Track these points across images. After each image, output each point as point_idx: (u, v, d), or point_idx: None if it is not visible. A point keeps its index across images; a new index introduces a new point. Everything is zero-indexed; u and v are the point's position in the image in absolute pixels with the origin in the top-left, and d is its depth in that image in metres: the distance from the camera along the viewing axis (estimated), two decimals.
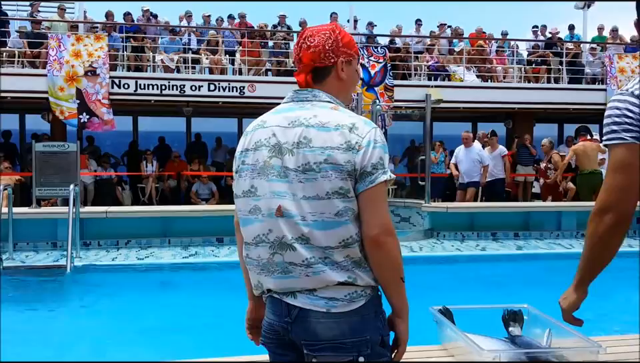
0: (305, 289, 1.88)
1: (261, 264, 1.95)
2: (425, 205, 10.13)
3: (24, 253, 8.22)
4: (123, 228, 8.94)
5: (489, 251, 8.92)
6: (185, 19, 14.99)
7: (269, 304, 1.99)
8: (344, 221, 1.85)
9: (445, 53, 15.91)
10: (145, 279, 7.25)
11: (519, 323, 2.96)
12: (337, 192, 1.84)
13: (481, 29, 16.68)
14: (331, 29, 2.01)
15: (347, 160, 1.84)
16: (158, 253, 8.37)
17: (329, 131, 1.87)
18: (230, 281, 6.93)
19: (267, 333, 2.00)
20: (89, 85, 12.65)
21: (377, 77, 14.16)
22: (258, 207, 1.95)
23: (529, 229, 10.14)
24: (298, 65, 2.04)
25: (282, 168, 1.90)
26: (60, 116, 12.57)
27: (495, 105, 14.92)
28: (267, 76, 14.26)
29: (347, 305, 1.86)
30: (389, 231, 1.89)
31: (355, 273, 1.87)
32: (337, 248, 1.85)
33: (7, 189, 7.94)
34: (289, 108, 1.99)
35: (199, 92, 13.31)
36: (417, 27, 16.24)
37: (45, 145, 9.35)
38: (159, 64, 13.69)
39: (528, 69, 15.86)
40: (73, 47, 12.68)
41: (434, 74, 15.17)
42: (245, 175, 1.99)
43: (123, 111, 14.36)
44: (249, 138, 2.02)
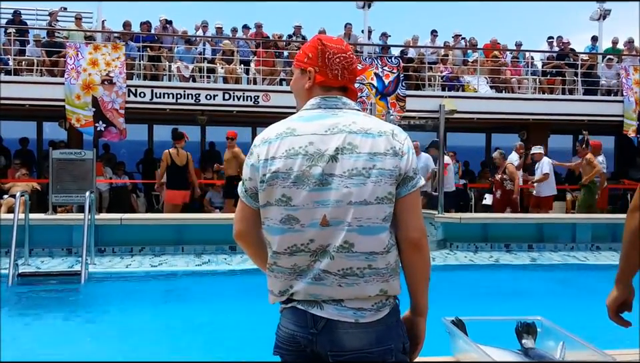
0: (333, 298, 1.88)
1: (298, 271, 1.92)
2: (438, 216, 10.11)
3: (39, 259, 8.27)
4: (138, 235, 8.99)
5: (503, 262, 8.87)
6: (200, 29, 15.13)
7: (289, 315, 1.95)
8: (387, 227, 1.89)
9: (459, 64, 15.92)
10: (159, 287, 7.30)
11: (532, 335, 2.95)
12: (386, 197, 1.88)
13: (496, 40, 16.68)
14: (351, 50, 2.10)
15: (395, 165, 1.89)
16: (172, 260, 8.41)
17: (374, 138, 1.90)
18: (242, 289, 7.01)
19: (285, 344, 1.97)
20: (105, 94, 12.78)
21: (390, 87, 14.19)
22: (294, 217, 1.90)
23: (543, 240, 10.08)
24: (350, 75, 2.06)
25: (324, 176, 1.88)
26: (76, 124, 12.70)
27: (509, 116, 14.90)
28: (281, 86, 14.34)
29: (375, 314, 1.88)
30: (425, 233, 1.97)
31: (389, 283, 1.90)
32: (381, 254, 1.88)
33: (24, 195, 8.02)
34: (320, 115, 1.97)
35: (213, 101, 13.42)
36: (432, 38, 16.27)
37: (61, 152, 9.44)
38: (175, 73, 13.82)
39: (543, 80, 15.81)
40: (90, 56, 12.82)
41: (447, 85, 15.17)
42: (274, 183, 1.93)
43: (138, 119, 14.48)
44: (275, 146, 1.95)
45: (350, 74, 2.05)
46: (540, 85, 15.72)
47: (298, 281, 1.92)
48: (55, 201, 9.18)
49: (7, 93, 12.58)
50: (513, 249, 9.76)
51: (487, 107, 14.76)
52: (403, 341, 1.94)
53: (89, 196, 8.00)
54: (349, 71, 2.05)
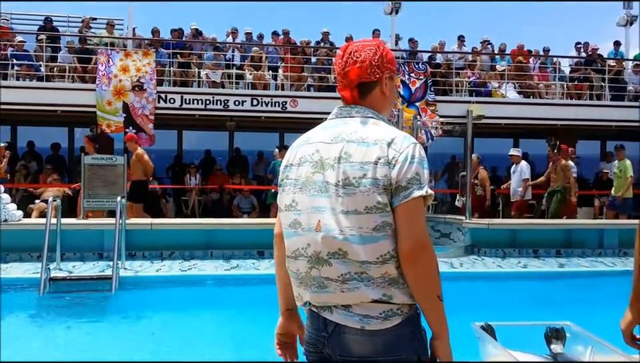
0: (341, 304, 1.89)
1: (300, 277, 1.97)
2: (466, 221, 10.07)
3: (71, 263, 8.39)
4: (167, 240, 9.11)
5: (531, 268, 8.81)
6: (230, 35, 15.31)
7: (308, 318, 2.01)
8: (382, 236, 1.85)
9: (486, 69, 15.84)
10: (188, 291, 7.38)
11: (561, 340, 2.96)
12: (374, 207, 1.84)
13: (523, 45, 16.56)
14: (376, 45, 2.03)
15: (384, 174, 1.84)
16: (201, 265, 8.48)
17: (368, 146, 1.88)
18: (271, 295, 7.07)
19: (309, 346, 2.03)
20: (136, 100, 13.00)
21: (417, 93, 14.19)
22: (298, 222, 1.97)
23: (570, 246, 9.98)
24: (342, 79, 2.04)
25: (323, 183, 1.92)
26: (107, 130, 12.92)
27: (537, 121, 14.79)
28: (308, 91, 14.41)
29: (382, 323, 1.85)
30: (423, 246, 1.85)
31: (391, 290, 1.86)
32: (375, 264, 1.84)
33: (56, 200, 8.16)
34: (333, 124, 2.02)
35: (242, 107, 13.55)
36: (459, 43, 16.22)
37: (93, 157, 9.55)
38: (204, 79, 13.98)
39: (570, 86, 15.66)
40: (121, 62, 13.06)
41: (475, 90, 15.11)
42: (287, 189, 2.04)
43: (168, 125, 14.68)
44: (294, 153, 2.06)
45: (344, 78, 2.03)
46: (568, 91, 15.57)
47: (304, 289, 1.97)
48: (86, 206, 9.32)
49: (39, 99, 12.88)
50: (541, 254, 9.68)
51: (515, 112, 14.67)
52: (418, 354, 1.89)
53: (120, 201, 8.10)
54: (342, 75, 2.03)
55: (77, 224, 9.06)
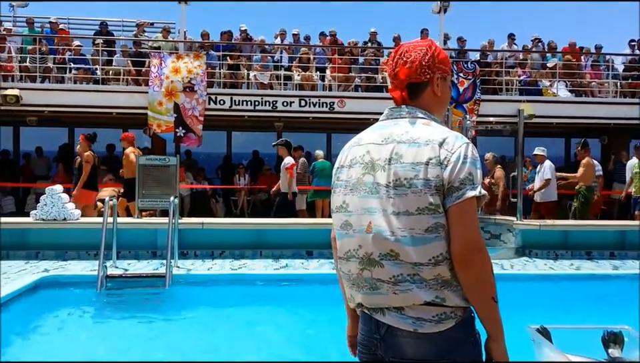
0: (393, 306, 1.88)
1: (352, 279, 1.98)
2: (517, 222, 9.92)
3: (126, 261, 8.59)
4: (218, 239, 9.25)
5: (584, 270, 8.62)
6: (278, 37, 15.47)
7: (361, 319, 2.03)
8: (434, 238, 1.83)
9: (537, 68, 15.55)
10: (239, 290, 7.47)
11: (619, 345, 2.91)
12: (426, 208, 1.82)
13: (575, 43, 16.19)
14: (428, 45, 2.03)
15: (436, 175, 1.83)
16: (250, 264, 8.58)
17: (419, 147, 1.87)
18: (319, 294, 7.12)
19: (362, 347, 2.04)
20: (186, 101, 13.26)
21: (465, 94, 14.04)
22: (349, 223, 1.98)
23: (624, 248, 9.71)
24: (393, 80, 2.04)
25: (373, 184, 1.91)
26: (157, 130, 13.22)
27: (589, 120, 14.45)
28: (356, 92, 14.43)
29: (435, 326, 1.83)
30: (476, 247, 1.83)
31: (444, 292, 1.84)
32: (427, 265, 1.83)
33: (112, 200, 8.39)
34: (384, 125, 2.02)
35: (290, 107, 13.69)
36: (509, 42, 15.97)
37: (147, 158, 9.77)
38: (253, 81, 14.16)
39: (624, 84, 15.22)
40: (173, 64, 13.35)
41: (525, 89, 14.86)
42: (339, 191, 2.05)
43: (217, 126, 14.93)
44: (345, 155, 2.08)
45: (394, 79, 2.04)
46: (621, 89, 15.14)
47: (356, 291, 1.97)
48: (140, 205, 9.56)
49: (95, 102, 13.29)
50: (594, 256, 9.46)
51: (566, 111, 14.37)
52: (473, 358, 1.87)
53: (172, 201, 8.26)
54: (392, 76, 2.05)
55: (132, 223, 9.29)
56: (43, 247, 8.86)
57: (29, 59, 13.95)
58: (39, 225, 8.99)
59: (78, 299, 7.08)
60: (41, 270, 7.86)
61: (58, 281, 7.37)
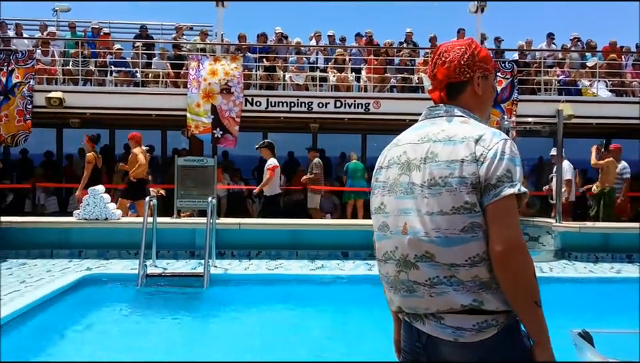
0: (430, 311, 1.83)
1: (389, 281, 1.95)
2: (556, 225, 9.78)
3: (165, 261, 8.74)
4: (255, 239, 9.36)
5: (625, 273, 8.44)
6: (313, 39, 15.53)
7: (403, 326, 2.00)
8: (470, 238, 1.77)
9: (576, 67, 15.28)
10: (276, 290, 7.53)
11: None
12: (462, 207, 1.77)
13: (615, 42, 15.86)
14: (467, 44, 1.99)
15: (472, 172, 1.77)
16: (287, 264, 8.65)
17: (455, 144, 1.82)
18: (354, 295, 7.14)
19: (405, 355, 2.01)
20: (223, 102, 13.42)
21: (503, 94, 13.88)
22: (386, 224, 1.96)
23: None
24: (432, 81, 2.01)
25: (409, 184, 1.89)
26: (195, 131, 13.41)
27: (631, 121, 14.11)
28: (391, 92, 14.40)
29: (476, 335, 1.77)
30: (516, 247, 1.75)
31: (482, 295, 1.77)
32: (464, 266, 1.77)
33: (152, 200, 8.55)
34: (422, 125, 2.00)
35: (325, 109, 13.73)
36: (548, 41, 15.74)
37: (185, 159, 9.91)
38: (289, 82, 14.25)
39: None
40: (211, 67, 13.52)
41: (564, 89, 14.62)
42: (377, 192, 2.03)
43: (254, 127, 15.06)
44: (384, 156, 2.07)
45: (433, 79, 2.02)
46: None
47: (394, 294, 1.95)
48: (179, 205, 9.72)
49: (135, 104, 13.54)
50: (635, 259, 9.26)
51: (607, 111, 14.09)
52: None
53: (210, 201, 8.38)
54: (431, 77, 2.02)
55: (171, 223, 9.44)
56: (85, 246, 9.09)
57: (72, 62, 14.29)
58: (81, 225, 9.23)
59: (119, 297, 7.25)
60: (83, 269, 8.06)
61: (100, 280, 7.55)
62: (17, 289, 6.63)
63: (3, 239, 9.11)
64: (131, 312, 6.86)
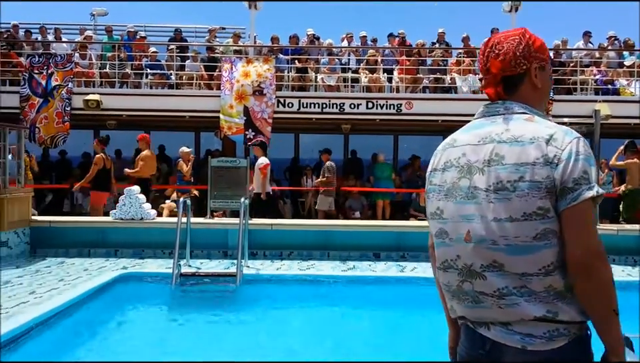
0: (498, 321, 1.72)
1: (451, 290, 1.84)
2: None
3: (198, 260, 8.86)
4: (286, 240, 9.41)
5: None
6: (345, 40, 15.55)
7: (463, 332, 1.88)
8: (544, 245, 1.66)
9: (613, 67, 14.99)
10: (307, 290, 7.57)
11: None
12: (534, 212, 1.65)
13: None
14: (521, 34, 1.85)
15: (545, 176, 1.65)
16: (318, 265, 8.69)
17: (524, 146, 1.70)
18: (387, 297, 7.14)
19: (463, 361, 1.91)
20: (256, 104, 13.53)
21: None
22: (444, 231, 1.84)
23: None
24: (485, 76, 1.87)
25: (470, 189, 1.76)
26: (227, 132, 13.55)
27: None
28: (424, 93, 14.33)
29: (546, 343, 1.67)
30: (597, 254, 1.65)
31: (557, 305, 1.67)
32: (537, 276, 1.66)
33: (187, 200, 8.67)
34: (480, 124, 1.86)
35: (357, 110, 13.72)
36: (585, 39, 15.48)
37: (219, 160, 10.04)
38: (320, 83, 14.30)
39: None
40: (243, 68, 13.66)
41: (601, 88, 14.36)
42: (432, 196, 1.91)
43: (286, 128, 15.14)
44: (438, 158, 1.93)
45: (486, 74, 1.87)
46: None
47: (457, 303, 1.84)
48: (212, 206, 9.84)
49: (169, 106, 13.74)
50: None
51: None
52: None
53: (243, 202, 8.47)
54: (484, 71, 1.87)
55: (205, 223, 9.55)
56: (121, 245, 9.27)
57: (109, 65, 14.57)
58: (117, 225, 9.41)
59: (154, 295, 7.38)
60: (119, 267, 8.22)
61: (135, 278, 7.70)
62: (55, 287, 6.80)
63: (42, 238, 9.36)
64: (166, 310, 6.99)
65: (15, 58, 14.53)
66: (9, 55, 14.46)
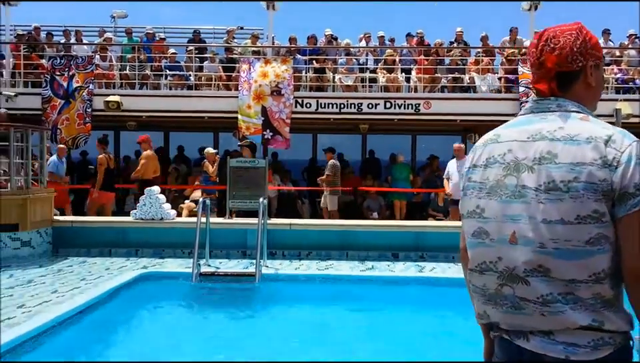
0: (539, 329, 1.64)
1: (487, 294, 1.74)
2: None
3: (218, 260, 8.91)
4: (305, 240, 9.42)
5: None
6: (363, 40, 15.56)
7: (498, 344, 1.78)
8: (597, 251, 1.58)
9: (634, 65, 14.84)
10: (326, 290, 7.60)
11: None
12: (589, 216, 1.57)
13: None
14: (577, 29, 1.77)
15: (603, 178, 1.57)
16: (337, 265, 8.70)
17: (580, 145, 1.61)
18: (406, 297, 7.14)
19: None
20: (274, 104, 13.59)
21: None
22: (485, 231, 1.75)
23: None
24: (537, 70, 1.79)
25: (517, 187, 1.68)
26: (245, 132, 13.62)
27: None
28: (442, 93, 14.30)
29: (590, 353, 1.59)
30: None
31: (604, 315, 1.60)
32: (586, 283, 1.58)
33: (206, 200, 8.73)
34: (528, 120, 1.77)
35: (375, 110, 13.72)
36: (605, 38, 15.33)
37: (237, 160, 10.07)
38: (338, 84, 14.32)
39: None
40: (261, 69, 13.73)
41: (622, 87, 14.22)
42: (470, 193, 1.82)
43: (304, 129, 15.19)
44: (478, 154, 1.84)
45: (539, 68, 1.79)
46: None
47: (492, 308, 1.74)
48: (231, 206, 9.89)
49: (188, 106, 13.85)
50: None
51: None
52: None
53: (262, 202, 8.51)
54: (536, 65, 1.79)
55: (224, 223, 9.60)
56: (142, 245, 9.36)
57: (129, 67, 14.72)
58: (138, 224, 9.51)
59: (173, 294, 7.45)
60: (140, 267, 8.31)
61: (156, 277, 7.78)
62: (77, 286, 6.91)
63: (64, 238, 9.49)
64: (186, 308, 7.06)
65: (36, 60, 14.74)
66: (30, 57, 14.68)
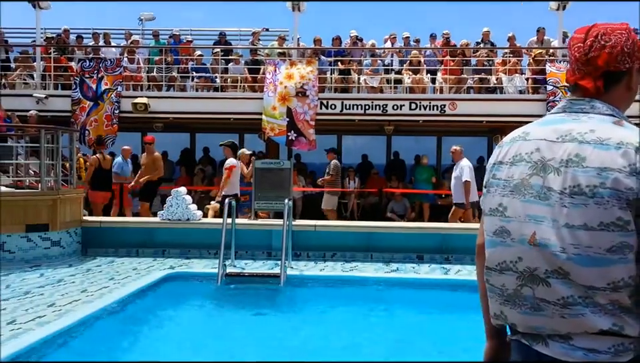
0: (558, 332, 1.61)
1: (506, 294, 1.71)
2: None
3: (243, 261, 8.97)
4: (329, 241, 9.44)
5: None
6: (388, 41, 15.53)
7: (515, 348, 1.75)
8: (617, 260, 1.54)
9: None
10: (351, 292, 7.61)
11: None
12: (613, 223, 1.53)
13: None
14: (626, 29, 1.71)
15: (629, 187, 1.52)
16: (362, 266, 8.71)
17: (609, 150, 1.56)
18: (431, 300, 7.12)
19: None
20: (299, 105, 13.64)
21: None
22: (506, 230, 1.70)
23: None
24: (584, 66, 1.72)
25: (542, 188, 1.63)
26: (270, 133, 13.69)
27: None
28: (468, 94, 14.20)
29: (612, 358, 1.56)
30: None
31: (623, 319, 1.56)
32: (604, 290, 1.55)
33: (232, 201, 8.79)
34: (560, 119, 1.72)
35: (400, 111, 13.69)
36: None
37: (263, 162, 10.12)
38: (363, 85, 14.31)
39: None
40: (287, 70, 13.79)
41: None
42: (493, 191, 1.77)
43: (328, 130, 15.21)
44: (505, 150, 1.79)
45: (586, 65, 1.71)
46: None
47: (510, 309, 1.70)
48: (257, 207, 9.93)
49: (214, 108, 13.98)
50: None
51: None
52: None
53: (287, 203, 8.55)
54: (583, 62, 1.72)
55: (249, 224, 9.66)
56: (168, 245, 9.47)
57: (156, 69, 14.90)
58: (165, 225, 9.62)
59: (199, 294, 7.53)
60: (167, 267, 8.42)
61: (182, 278, 7.88)
62: (105, 286, 7.02)
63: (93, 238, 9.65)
64: (212, 309, 7.12)
65: (65, 63, 14.99)
66: (59, 60, 14.94)
